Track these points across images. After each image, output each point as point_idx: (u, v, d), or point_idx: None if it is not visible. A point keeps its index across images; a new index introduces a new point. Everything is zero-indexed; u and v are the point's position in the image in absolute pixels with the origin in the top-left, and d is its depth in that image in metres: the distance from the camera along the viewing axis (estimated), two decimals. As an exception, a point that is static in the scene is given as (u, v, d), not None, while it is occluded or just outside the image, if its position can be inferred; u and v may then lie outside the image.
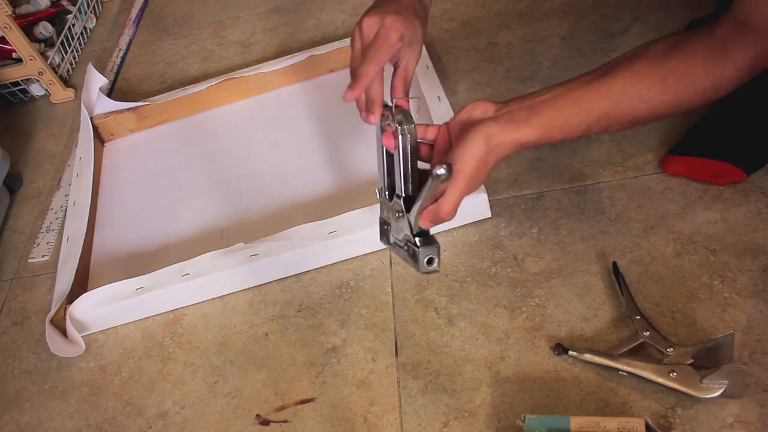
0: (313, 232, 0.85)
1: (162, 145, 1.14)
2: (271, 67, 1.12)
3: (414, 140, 0.65)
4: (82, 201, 1.02)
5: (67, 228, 0.99)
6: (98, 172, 1.12)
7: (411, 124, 0.64)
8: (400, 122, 0.64)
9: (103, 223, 1.04)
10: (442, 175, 0.57)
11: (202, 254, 0.87)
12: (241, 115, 1.13)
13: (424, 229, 0.65)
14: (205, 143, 1.11)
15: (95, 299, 0.87)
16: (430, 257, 0.64)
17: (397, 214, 0.66)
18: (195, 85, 1.16)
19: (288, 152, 1.03)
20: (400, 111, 0.65)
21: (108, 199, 1.08)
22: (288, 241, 0.85)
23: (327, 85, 1.13)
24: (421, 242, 0.64)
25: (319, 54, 1.12)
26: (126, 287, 0.87)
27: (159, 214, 1.02)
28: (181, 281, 0.85)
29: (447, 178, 0.57)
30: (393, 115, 0.65)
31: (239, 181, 1.02)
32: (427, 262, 0.64)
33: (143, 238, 0.99)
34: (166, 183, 1.07)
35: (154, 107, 1.15)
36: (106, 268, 0.97)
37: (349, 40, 0.73)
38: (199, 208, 1.01)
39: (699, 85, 0.62)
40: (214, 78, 1.15)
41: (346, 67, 0.78)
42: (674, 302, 0.72)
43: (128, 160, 1.14)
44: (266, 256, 0.85)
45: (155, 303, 0.88)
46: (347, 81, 0.68)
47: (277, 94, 1.14)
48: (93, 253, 1.00)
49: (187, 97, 1.14)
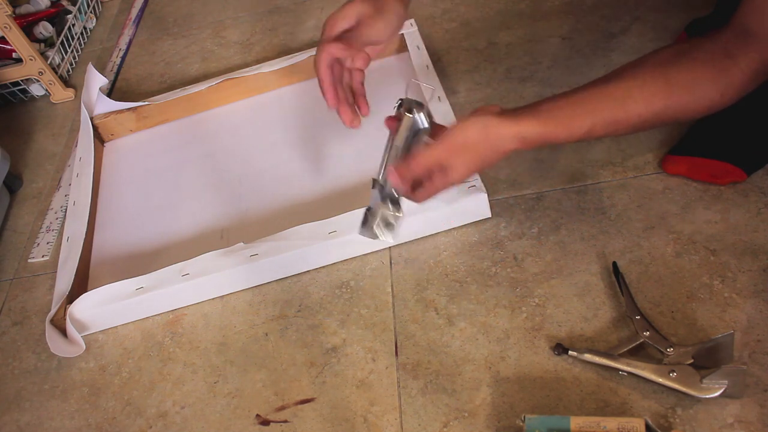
0: (313, 232, 0.85)
1: (162, 145, 1.14)
2: (271, 67, 1.13)
3: (418, 126, 0.64)
4: (82, 201, 1.02)
5: (67, 228, 0.99)
6: (98, 172, 1.12)
7: (419, 110, 0.64)
8: (408, 109, 0.64)
9: (103, 223, 1.04)
10: (419, 121, 0.56)
11: (202, 254, 0.87)
12: (241, 115, 1.13)
13: (395, 197, 0.65)
14: (205, 143, 1.11)
15: (95, 299, 0.87)
16: (387, 222, 0.63)
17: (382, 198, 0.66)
18: (195, 85, 1.16)
19: (288, 152, 1.03)
20: (412, 100, 0.65)
21: (108, 199, 1.08)
22: (288, 241, 0.85)
23: (327, 85, 1.13)
24: (381, 203, 0.63)
25: None
26: (126, 287, 0.87)
27: (159, 214, 1.02)
28: (181, 281, 0.85)
29: (423, 128, 0.57)
30: (404, 103, 0.65)
31: (239, 181, 1.02)
32: (385, 225, 0.63)
33: (143, 238, 0.99)
34: (166, 183, 1.07)
35: (154, 107, 1.15)
36: (106, 268, 0.97)
37: None
38: (199, 208, 1.01)
39: (704, 90, 0.62)
40: (214, 78, 1.15)
41: None
42: (674, 302, 0.72)
43: (128, 160, 1.14)
44: (266, 256, 0.85)
45: (155, 303, 0.88)
46: None
47: (277, 94, 1.15)
48: (93, 253, 1.00)
49: (187, 97, 1.14)
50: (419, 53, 1.05)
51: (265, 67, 1.13)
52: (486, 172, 0.88)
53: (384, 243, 0.83)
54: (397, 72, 1.09)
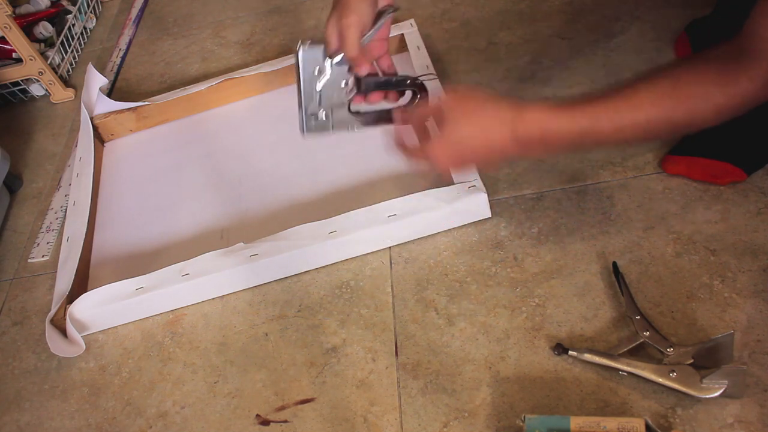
0: (313, 232, 0.85)
1: (162, 145, 1.14)
2: (271, 67, 1.13)
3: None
4: (82, 201, 1.02)
5: (67, 228, 0.99)
6: (98, 172, 1.12)
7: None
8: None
9: (103, 223, 1.04)
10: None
11: (202, 254, 0.87)
12: (241, 115, 1.14)
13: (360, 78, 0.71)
14: (205, 143, 1.11)
15: (95, 299, 0.87)
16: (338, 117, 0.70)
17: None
18: (195, 85, 1.16)
19: (288, 152, 1.03)
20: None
21: (108, 199, 1.08)
22: (288, 241, 0.85)
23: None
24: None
25: None
26: (126, 287, 0.87)
27: (159, 214, 1.02)
28: (181, 281, 0.85)
29: (389, 12, 0.63)
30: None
31: (239, 181, 1.02)
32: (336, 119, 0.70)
33: (143, 238, 0.99)
34: (166, 183, 1.07)
35: (154, 107, 1.15)
36: (106, 268, 0.97)
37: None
38: (199, 208, 1.01)
39: (710, 95, 0.61)
40: (214, 78, 1.15)
41: None
42: (674, 302, 0.72)
43: (128, 160, 1.14)
44: (266, 256, 0.85)
45: (155, 303, 0.88)
46: None
47: (277, 94, 1.14)
48: (93, 253, 1.00)
49: (187, 97, 1.14)
50: (419, 53, 1.05)
51: (265, 67, 1.13)
52: (486, 172, 0.88)
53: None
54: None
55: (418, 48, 1.06)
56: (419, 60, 1.04)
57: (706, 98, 0.61)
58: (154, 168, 1.10)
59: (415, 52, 1.06)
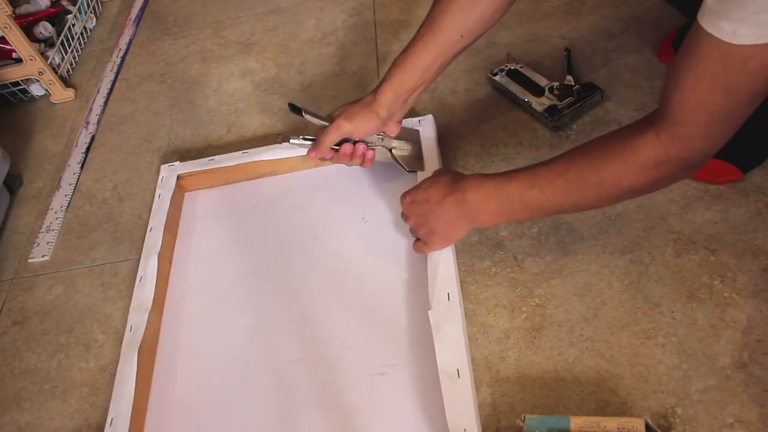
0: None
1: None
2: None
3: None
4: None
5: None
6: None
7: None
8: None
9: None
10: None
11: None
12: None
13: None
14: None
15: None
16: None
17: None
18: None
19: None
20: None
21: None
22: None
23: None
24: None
25: None
26: None
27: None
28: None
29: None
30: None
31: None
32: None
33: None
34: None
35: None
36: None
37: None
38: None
39: (611, 161, 0.60)
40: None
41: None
42: (674, 302, 0.72)
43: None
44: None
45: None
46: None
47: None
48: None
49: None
50: (428, 146, 0.92)
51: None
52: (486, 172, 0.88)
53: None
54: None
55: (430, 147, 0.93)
56: (427, 152, 0.92)
57: (607, 163, 0.60)
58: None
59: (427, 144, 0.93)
